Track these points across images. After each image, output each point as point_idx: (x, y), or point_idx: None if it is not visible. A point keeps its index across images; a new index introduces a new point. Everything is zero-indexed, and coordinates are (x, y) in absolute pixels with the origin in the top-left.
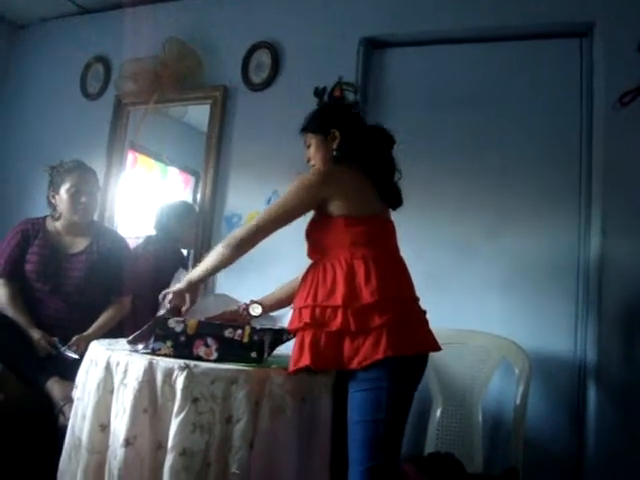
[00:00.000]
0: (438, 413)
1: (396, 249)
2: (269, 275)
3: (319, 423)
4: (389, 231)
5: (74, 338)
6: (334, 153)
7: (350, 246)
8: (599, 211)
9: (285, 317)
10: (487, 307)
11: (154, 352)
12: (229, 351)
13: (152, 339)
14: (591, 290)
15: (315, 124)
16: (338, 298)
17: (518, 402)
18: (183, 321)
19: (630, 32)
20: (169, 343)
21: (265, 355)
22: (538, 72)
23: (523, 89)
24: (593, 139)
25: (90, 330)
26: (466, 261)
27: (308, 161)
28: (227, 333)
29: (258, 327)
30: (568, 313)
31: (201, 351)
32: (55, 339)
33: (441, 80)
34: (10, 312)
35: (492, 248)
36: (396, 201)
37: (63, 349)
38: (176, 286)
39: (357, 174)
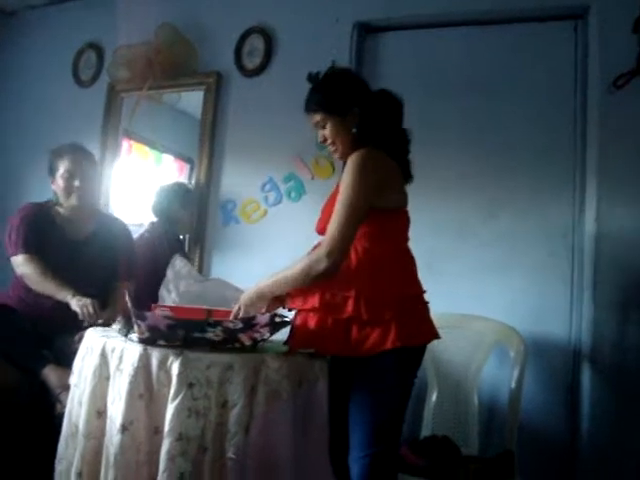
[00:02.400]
0: (434, 397)
1: (407, 243)
2: (265, 259)
3: (315, 407)
4: (405, 224)
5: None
6: (354, 130)
7: (366, 235)
8: (594, 194)
9: None
10: (483, 291)
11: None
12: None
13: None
14: (586, 274)
15: (333, 104)
16: (352, 287)
17: (513, 385)
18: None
19: (625, 14)
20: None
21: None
22: (533, 55)
23: (518, 72)
24: (588, 122)
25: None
26: (462, 245)
27: (324, 141)
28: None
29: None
30: (563, 297)
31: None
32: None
33: (436, 64)
34: (43, 286)
35: (488, 232)
36: (410, 175)
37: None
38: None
39: (389, 160)
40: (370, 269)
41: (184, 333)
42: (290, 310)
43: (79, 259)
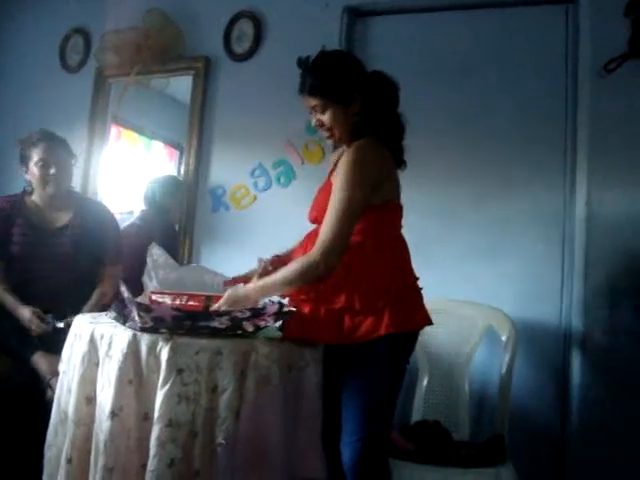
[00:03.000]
0: (425, 382)
1: (400, 233)
2: (255, 244)
3: (306, 392)
4: (399, 215)
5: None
6: (356, 119)
7: (361, 231)
8: (584, 178)
9: None
10: (473, 275)
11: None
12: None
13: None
14: (577, 258)
15: (336, 92)
16: (345, 278)
17: (504, 370)
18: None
19: None
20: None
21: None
22: (524, 39)
23: (509, 56)
24: (579, 106)
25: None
26: (452, 229)
27: (319, 126)
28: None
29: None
30: (554, 281)
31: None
32: (49, 315)
33: (425, 48)
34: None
35: (478, 216)
36: (404, 162)
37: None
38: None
39: (386, 152)
40: (363, 261)
41: (190, 323)
42: (284, 298)
43: (58, 247)
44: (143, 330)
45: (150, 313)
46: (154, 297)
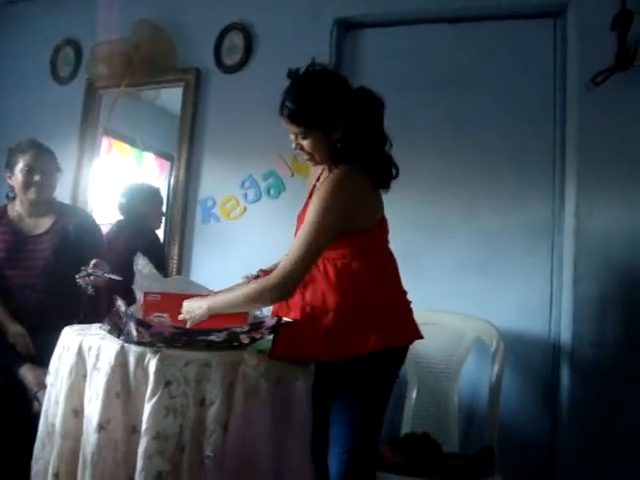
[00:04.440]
0: (414, 394)
1: (387, 250)
2: (245, 256)
3: (295, 405)
4: (384, 234)
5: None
6: (338, 146)
7: (345, 255)
8: (573, 191)
9: None
10: (462, 287)
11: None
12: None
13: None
14: (565, 270)
15: (317, 120)
16: (331, 301)
17: (493, 382)
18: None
19: (603, 12)
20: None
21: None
22: (512, 53)
23: (497, 70)
24: (567, 119)
25: None
26: (441, 242)
27: (300, 149)
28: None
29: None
30: (542, 294)
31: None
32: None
33: (416, 61)
34: None
35: (467, 228)
36: (388, 182)
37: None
38: (197, 314)
39: (364, 179)
40: (350, 283)
41: (187, 338)
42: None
43: (39, 253)
44: (139, 344)
45: (150, 329)
46: (150, 298)
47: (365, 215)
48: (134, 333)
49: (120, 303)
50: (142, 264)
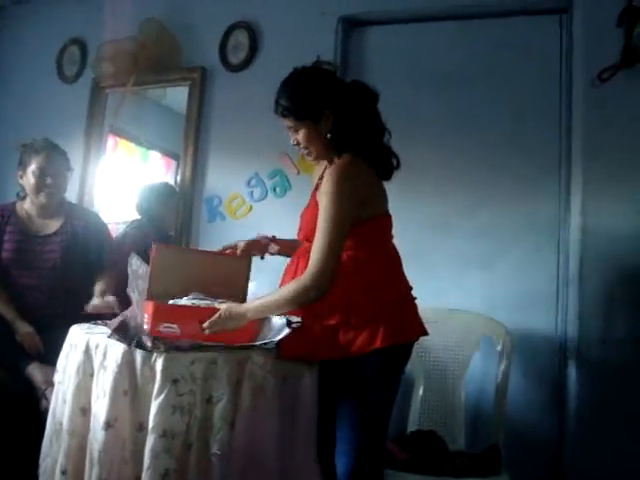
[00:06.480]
0: (420, 391)
1: (391, 244)
2: None
3: (301, 402)
4: (388, 227)
5: None
6: (328, 136)
7: (350, 246)
8: (579, 188)
9: None
10: (468, 285)
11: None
12: None
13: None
14: (572, 267)
15: (302, 110)
16: (338, 297)
17: (499, 379)
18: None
19: (610, 8)
20: None
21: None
22: (518, 49)
23: (503, 66)
24: (573, 115)
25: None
26: (447, 239)
27: (297, 145)
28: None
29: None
30: (549, 291)
31: None
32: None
33: (421, 58)
34: None
35: (473, 226)
36: (390, 173)
37: None
38: (235, 324)
39: (367, 168)
40: (355, 277)
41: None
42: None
43: (47, 253)
44: (151, 351)
45: (167, 344)
46: (160, 306)
47: (372, 199)
48: (148, 344)
49: (128, 314)
50: (136, 264)
